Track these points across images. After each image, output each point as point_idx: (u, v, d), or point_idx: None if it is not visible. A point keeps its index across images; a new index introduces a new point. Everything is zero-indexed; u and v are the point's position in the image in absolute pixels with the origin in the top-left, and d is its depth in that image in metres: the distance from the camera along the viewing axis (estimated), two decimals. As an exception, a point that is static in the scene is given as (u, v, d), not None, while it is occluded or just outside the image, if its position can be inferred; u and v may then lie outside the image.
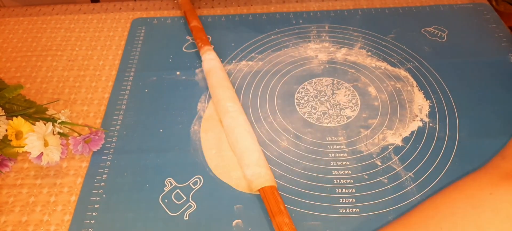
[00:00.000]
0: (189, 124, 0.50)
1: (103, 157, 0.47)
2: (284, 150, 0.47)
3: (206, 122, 0.50)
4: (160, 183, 0.44)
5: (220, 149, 0.47)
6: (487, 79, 0.54)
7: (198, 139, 0.49)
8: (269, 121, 0.51)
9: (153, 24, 0.66)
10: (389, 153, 0.46)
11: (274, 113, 0.52)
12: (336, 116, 0.51)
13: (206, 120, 0.50)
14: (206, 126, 0.50)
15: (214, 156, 0.47)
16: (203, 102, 0.53)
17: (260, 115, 0.51)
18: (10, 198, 0.44)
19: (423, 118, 0.50)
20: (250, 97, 0.54)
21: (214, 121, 0.50)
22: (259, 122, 0.51)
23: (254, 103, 0.53)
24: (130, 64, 0.58)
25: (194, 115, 0.51)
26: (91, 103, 0.53)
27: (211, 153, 0.47)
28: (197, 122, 0.50)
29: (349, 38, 0.62)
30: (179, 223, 0.41)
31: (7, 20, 0.67)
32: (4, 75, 0.58)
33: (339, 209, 0.42)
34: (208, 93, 0.54)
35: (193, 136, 0.49)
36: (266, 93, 0.54)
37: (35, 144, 0.42)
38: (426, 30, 0.62)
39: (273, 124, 0.50)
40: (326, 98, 0.53)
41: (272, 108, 0.52)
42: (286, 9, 0.68)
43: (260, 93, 0.54)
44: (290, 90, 0.54)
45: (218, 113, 0.50)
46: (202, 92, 0.54)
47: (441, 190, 0.38)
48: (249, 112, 0.52)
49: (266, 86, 0.55)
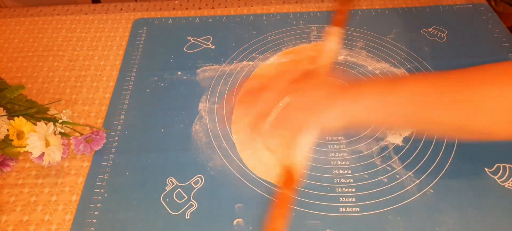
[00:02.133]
0: (191, 123, 0.50)
1: (105, 156, 0.47)
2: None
3: (235, 124, 0.50)
4: (161, 183, 0.45)
5: (255, 149, 0.47)
6: (486, 80, 0.54)
7: (199, 138, 0.49)
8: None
9: (154, 24, 0.66)
10: (389, 153, 0.47)
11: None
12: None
13: (235, 122, 0.50)
14: (235, 128, 0.50)
15: (250, 156, 0.47)
16: (204, 102, 0.53)
17: (261, 115, 0.52)
18: (12, 197, 0.44)
19: (423, 118, 0.50)
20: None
21: (242, 122, 0.50)
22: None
23: (254, 103, 0.53)
24: (132, 64, 0.59)
25: (195, 115, 0.51)
26: (92, 103, 0.54)
27: (247, 153, 0.47)
28: (198, 121, 0.51)
29: (349, 38, 0.62)
30: (180, 222, 0.41)
31: (8, 20, 0.67)
32: (6, 75, 0.58)
33: (339, 208, 0.42)
34: (209, 93, 0.54)
35: (194, 136, 0.49)
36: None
37: (36, 144, 0.42)
38: (425, 31, 0.63)
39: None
40: (327, 98, 0.53)
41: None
42: (286, 9, 0.68)
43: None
44: (291, 90, 0.55)
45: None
46: (203, 92, 0.54)
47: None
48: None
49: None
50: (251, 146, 0.47)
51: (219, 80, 0.56)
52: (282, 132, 0.45)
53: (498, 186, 0.43)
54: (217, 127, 0.50)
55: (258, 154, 0.47)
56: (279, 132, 0.45)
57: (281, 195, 0.41)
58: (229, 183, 0.44)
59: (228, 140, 0.49)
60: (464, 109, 0.33)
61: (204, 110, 0.52)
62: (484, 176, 0.44)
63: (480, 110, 0.33)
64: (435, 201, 0.42)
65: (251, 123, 0.43)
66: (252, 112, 0.42)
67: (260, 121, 0.42)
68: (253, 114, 0.42)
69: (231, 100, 0.53)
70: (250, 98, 0.44)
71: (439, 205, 0.42)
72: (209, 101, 0.53)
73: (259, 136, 0.47)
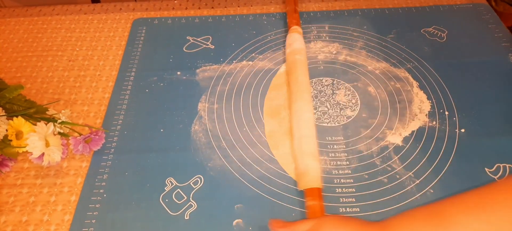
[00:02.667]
0: (190, 123, 0.50)
1: (104, 156, 0.47)
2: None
3: (270, 136, 0.49)
4: (160, 183, 0.44)
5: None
6: (486, 79, 0.54)
7: (198, 138, 0.49)
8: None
9: (154, 24, 0.66)
10: (389, 153, 0.47)
11: (274, 113, 0.52)
12: (336, 115, 0.51)
13: (270, 138, 0.49)
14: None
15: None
16: (203, 102, 0.53)
17: (261, 115, 0.51)
18: (10, 197, 0.44)
19: (423, 118, 0.50)
20: (251, 97, 0.54)
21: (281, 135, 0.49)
22: (259, 121, 0.51)
23: (254, 103, 0.53)
24: (131, 64, 0.59)
25: (195, 115, 0.51)
26: (91, 103, 0.53)
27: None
28: (198, 121, 0.51)
29: (349, 38, 0.62)
30: (179, 223, 0.41)
31: (7, 20, 0.67)
32: (5, 75, 0.58)
33: (339, 208, 0.42)
34: (209, 93, 0.54)
35: (194, 136, 0.49)
36: (266, 93, 0.54)
37: (36, 144, 0.42)
38: (426, 31, 0.62)
39: (273, 124, 0.50)
40: (326, 98, 0.53)
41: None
42: (286, 9, 0.68)
43: (260, 93, 0.54)
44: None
45: (292, 93, 0.51)
46: (203, 92, 0.54)
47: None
48: (249, 111, 0.52)
49: (266, 86, 0.55)
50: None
51: (218, 80, 0.56)
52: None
53: (499, 186, 0.43)
54: (216, 127, 0.50)
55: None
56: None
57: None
58: (229, 184, 0.44)
59: (228, 140, 0.49)
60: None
61: (204, 110, 0.52)
62: (484, 176, 0.44)
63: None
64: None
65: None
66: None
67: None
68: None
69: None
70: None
71: (439, 205, 0.42)
72: (208, 101, 0.53)
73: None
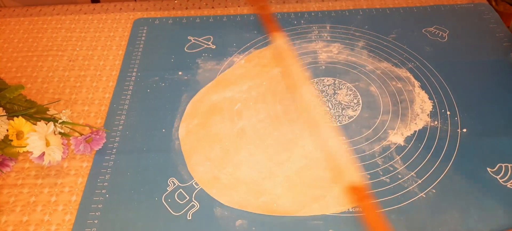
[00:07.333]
0: (191, 123, 0.50)
1: (106, 157, 0.47)
2: (286, 149, 0.47)
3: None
4: (163, 183, 0.44)
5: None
6: (488, 79, 0.54)
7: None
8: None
9: (155, 24, 0.65)
10: (391, 153, 0.47)
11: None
12: (337, 115, 0.51)
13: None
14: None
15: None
16: (205, 102, 0.53)
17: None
18: (11, 197, 0.44)
19: (425, 118, 0.50)
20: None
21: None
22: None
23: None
24: (132, 64, 0.58)
25: (196, 115, 0.51)
26: (92, 103, 0.53)
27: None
28: (199, 121, 0.50)
29: (350, 38, 0.62)
30: (182, 223, 0.41)
31: (8, 20, 0.67)
32: (5, 75, 0.57)
33: (341, 208, 0.42)
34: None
35: (195, 136, 0.49)
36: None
37: (37, 144, 0.42)
38: (427, 30, 0.62)
39: (275, 124, 0.50)
40: (328, 98, 0.53)
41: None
42: (286, 9, 0.68)
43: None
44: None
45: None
46: (204, 92, 0.54)
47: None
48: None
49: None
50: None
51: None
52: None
53: (500, 186, 0.43)
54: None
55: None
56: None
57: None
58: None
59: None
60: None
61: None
62: (486, 175, 0.44)
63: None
64: (437, 201, 0.42)
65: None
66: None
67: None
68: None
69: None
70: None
71: (442, 205, 0.42)
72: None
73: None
